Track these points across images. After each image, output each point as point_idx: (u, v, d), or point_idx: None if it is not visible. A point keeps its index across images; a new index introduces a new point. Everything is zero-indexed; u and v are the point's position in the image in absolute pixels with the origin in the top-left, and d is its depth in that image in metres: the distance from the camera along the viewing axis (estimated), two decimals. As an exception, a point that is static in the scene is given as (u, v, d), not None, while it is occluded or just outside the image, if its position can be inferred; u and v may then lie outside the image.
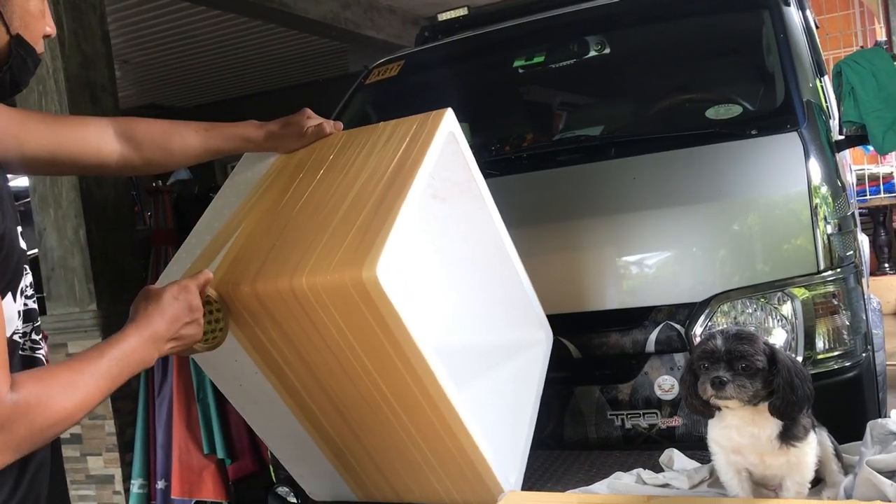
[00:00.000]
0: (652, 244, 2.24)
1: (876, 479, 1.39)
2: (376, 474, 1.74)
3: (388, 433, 1.61)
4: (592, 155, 2.49)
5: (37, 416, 1.03)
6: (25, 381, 1.04)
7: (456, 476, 1.62)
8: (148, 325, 1.27)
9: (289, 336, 1.56)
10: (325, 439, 1.74)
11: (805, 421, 1.41)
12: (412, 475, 1.68)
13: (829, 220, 2.12)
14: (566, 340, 2.27)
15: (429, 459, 1.62)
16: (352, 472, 1.77)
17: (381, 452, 1.68)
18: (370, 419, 1.61)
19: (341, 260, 1.40)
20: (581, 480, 1.81)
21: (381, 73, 3.17)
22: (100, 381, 1.14)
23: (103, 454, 4.00)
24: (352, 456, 1.73)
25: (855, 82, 2.37)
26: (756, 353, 1.37)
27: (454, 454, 1.57)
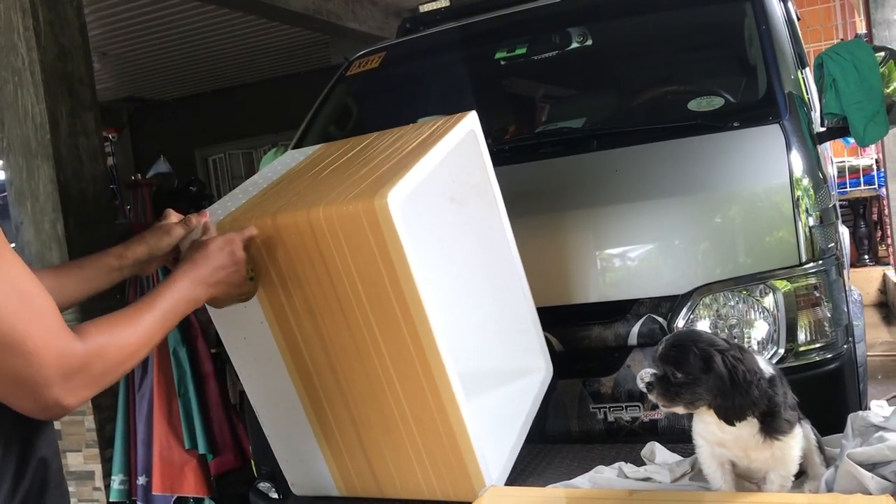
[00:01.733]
0: (634, 237, 2.23)
1: (857, 471, 1.39)
2: (361, 460, 1.72)
3: (379, 404, 1.62)
4: (574, 147, 2.48)
5: (108, 355, 1.13)
6: (90, 329, 1.14)
7: (439, 462, 1.61)
8: (193, 269, 1.41)
9: (298, 276, 1.62)
10: (316, 412, 1.73)
11: (789, 415, 1.41)
12: (396, 460, 1.67)
13: (811, 213, 2.12)
14: (548, 334, 2.26)
15: (415, 439, 1.61)
16: (337, 456, 1.75)
17: (369, 429, 1.67)
18: (364, 386, 1.63)
19: (357, 195, 1.49)
20: (563, 474, 1.80)
21: (362, 64, 3.14)
22: (157, 320, 1.27)
23: (83, 450, 3.96)
24: (340, 434, 1.71)
25: (836, 74, 2.37)
26: (682, 361, 1.38)
27: (441, 432, 1.57)
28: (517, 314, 1.99)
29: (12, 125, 3.79)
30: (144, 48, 7.77)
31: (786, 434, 1.41)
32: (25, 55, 3.73)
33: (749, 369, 1.36)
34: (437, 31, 3.20)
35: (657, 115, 2.62)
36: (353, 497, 1.80)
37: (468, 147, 1.91)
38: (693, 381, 1.37)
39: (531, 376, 1.99)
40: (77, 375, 1.08)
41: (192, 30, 7.41)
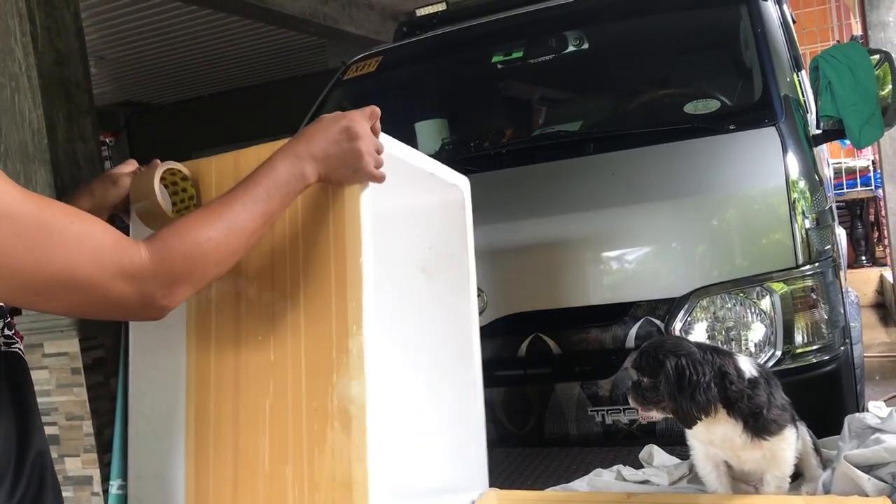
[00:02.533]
0: (631, 240, 2.24)
1: (853, 473, 1.40)
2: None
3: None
4: (571, 151, 2.49)
5: (187, 251, 1.07)
6: (163, 232, 1.07)
7: None
8: (295, 144, 1.23)
9: None
10: (198, 436, 1.49)
11: (776, 416, 1.41)
12: None
13: (807, 215, 2.12)
14: (546, 337, 2.26)
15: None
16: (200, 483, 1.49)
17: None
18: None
19: None
20: (561, 477, 1.81)
21: (359, 68, 3.15)
22: (252, 206, 1.14)
23: (81, 455, 3.96)
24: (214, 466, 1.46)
25: (832, 77, 2.38)
26: (643, 367, 1.42)
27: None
28: (463, 424, 1.73)
29: (9, 130, 3.79)
30: (141, 52, 7.77)
31: (773, 435, 1.41)
32: (22, 60, 3.73)
33: (699, 373, 1.37)
34: (434, 35, 3.20)
35: (654, 118, 2.62)
36: None
37: (455, 214, 1.78)
38: (654, 386, 1.41)
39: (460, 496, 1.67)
40: (155, 279, 1.04)
41: (188, 34, 7.42)
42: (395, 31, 3.56)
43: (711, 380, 1.38)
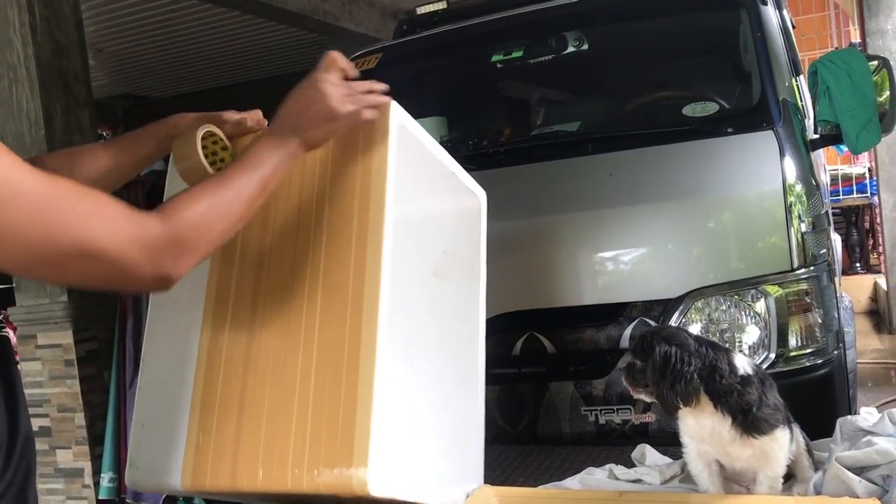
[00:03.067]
0: (628, 240, 2.25)
1: (844, 475, 1.40)
2: (227, 450, 1.50)
3: (283, 376, 1.46)
4: (569, 150, 2.50)
5: (196, 223, 1.12)
6: (170, 204, 1.12)
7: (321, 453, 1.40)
8: (276, 121, 1.33)
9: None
10: (206, 389, 1.54)
11: (767, 415, 1.42)
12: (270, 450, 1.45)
13: (803, 219, 2.13)
14: (541, 336, 2.27)
15: (304, 423, 1.42)
16: (202, 446, 1.53)
17: (255, 411, 1.48)
18: (277, 348, 1.47)
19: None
20: (553, 475, 1.81)
21: (358, 65, 3.14)
22: (248, 176, 1.21)
23: (73, 447, 3.95)
24: (218, 419, 1.52)
25: (830, 82, 2.39)
26: (637, 350, 1.45)
27: (339, 419, 1.37)
28: (463, 420, 1.78)
29: (7, 121, 3.79)
30: (140, 45, 7.76)
31: (763, 433, 1.41)
32: (21, 51, 3.72)
33: (685, 363, 1.39)
34: (434, 34, 3.20)
35: (652, 119, 2.63)
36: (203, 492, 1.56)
37: (471, 221, 1.87)
38: (644, 370, 1.44)
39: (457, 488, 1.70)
40: (167, 249, 1.08)
41: (188, 28, 7.41)
42: (396, 28, 3.56)
43: (696, 371, 1.39)
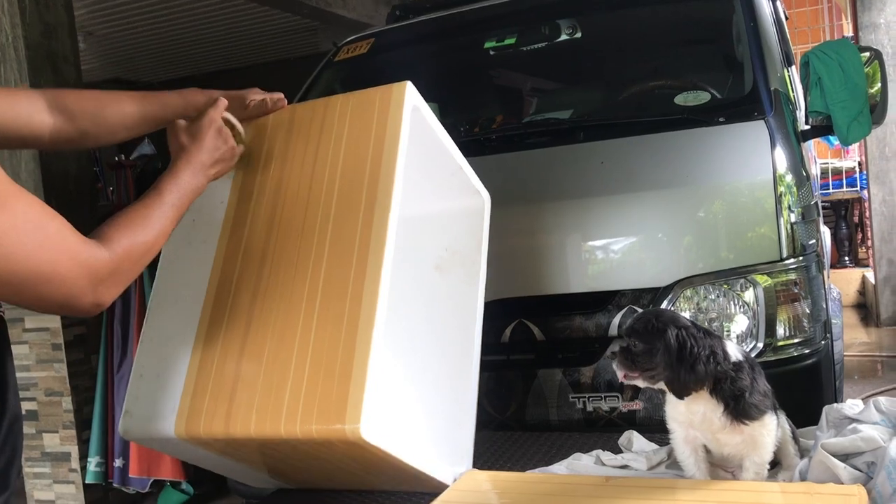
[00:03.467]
0: (618, 229, 2.24)
1: (830, 461, 1.41)
2: (224, 396, 1.54)
3: (285, 325, 1.52)
4: (561, 138, 2.49)
5: (132, 255, 1.24)
6: (111, 234, 1.22)
7: (317, 400, 1.43)
8: (190, 158, 1.46)
9: (285, 156, 1.69)
10: (208, 336, 1.61)
11: (757, 401, 1.43)
12: (266, 397, 1.48)
13: (793, 209, 2.13)
14: (530, 323, 2.27)
15: (303, 372, 1.46)
16: (199, 392, 1.57)
17: (255, 358, 1.53)
18: (281, 298, 1.55)
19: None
20: (541, 461, 1.82)
21: (350, 50, 3.13)
22: (168, 213, 1.35)
23: (60, 431, 3.94)
24: (218, 366, 1.56)
25: (822, 73, 2.39)
26: (641, 332, 1.43)
27: (336, 368, 1.43)
28: (456, 404, 1.82)
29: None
30: (131, 29, 7.70)
31: (753, 419, 1.42)
32: (9, 31, 3.69)
33: (699, 345, 1.39)
34: (426, 20, 3.19)
35: (644, 108, 2.63)
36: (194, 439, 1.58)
37: (474, 219, 1.95)
38: (648, 352, 1.42)
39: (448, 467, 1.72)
40: (108, 279, 1.18)
41: (180, 12, 7.35)
42: (388, 14, 3.54)
43: (710, 356, 1.40)
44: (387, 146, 1.56)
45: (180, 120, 1.53)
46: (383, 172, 1.54)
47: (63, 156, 3.86)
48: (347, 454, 1.47)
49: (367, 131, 1.60)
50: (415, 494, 1.69)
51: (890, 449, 1.36)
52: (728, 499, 1.40)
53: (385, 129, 1.58)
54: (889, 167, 6.10)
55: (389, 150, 1.55)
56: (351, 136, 1.62)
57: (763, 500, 1.41)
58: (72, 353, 3.89)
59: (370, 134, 1.59)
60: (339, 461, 1.54)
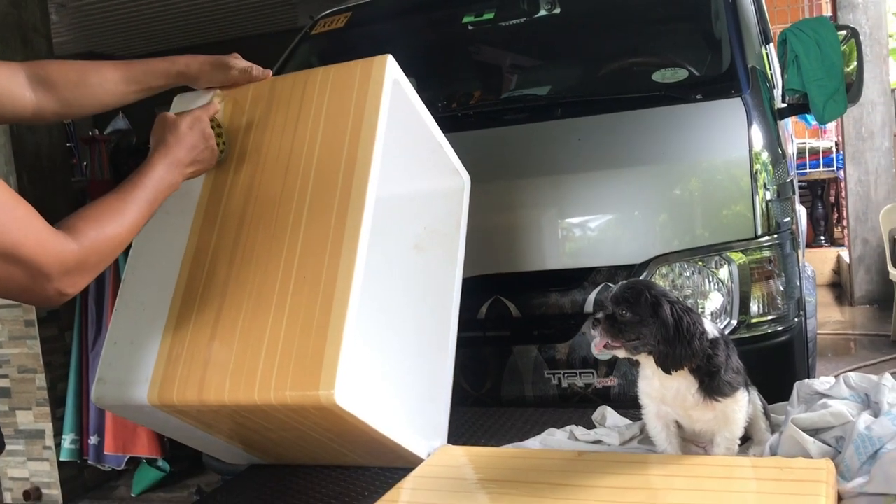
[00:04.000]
0: (594, 205, 2.24)
1: (800, 436, 1.42)
2: (198, 364, 1.52)
3: (261, 292, 1.51)
4: (539, 114, 2.48)
5: (100, 248, 1.23)
6: (80, 225, 1.22)
7: (291, 366, 1.43)
8: (168, 153, 1.45)
9: (266, 124, 1.69)
10: (183, 304, 1.60)
11: (731, 378, 1.43)
12: (240, 364, 1.47)
13: (769, 187, 2.14)
14: (506, 300, 2.26)
15: (277, 338, 1.45)
16: (172, 360, 1.55)
17: (230, 325, 1.52)
18: (258, 264, 1.54)
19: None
20: (515, 437, 1.82)
21: (327, 24, 3.10)
22: (141, 207, 1.34)
23: (33, 408, 3.91)
24: (193, 333, 1.55)
25: (799, 51, 2.39)
26: (633, 302, 1.40)
27: (311, 333, 1.42)
28: (432, 379, 1.83)
29: (-37, 73, 3.67)
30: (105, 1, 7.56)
31: (726, 396, 1.43)
32: (-23, 1, 3.61)
33: (694, 322, 1.39)
34: (404, -7, 3.15)
35: (622, 85, 2.62)
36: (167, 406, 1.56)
37: (454, 199, 1.96)
38: (638, 323, 1.40)
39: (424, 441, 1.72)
40: (74, 270, 1.18)
41: (155, -16, 7.24)
42: (366, -12, 3.50)
43: (703, 332, 1.40)
44: (366, 118, 1.56)
45: (168, 113, 1.52)
46: (362, 144, 1.54)
47: (35, 130, 3.80)
48: (321, 423, 1.47)
49: (346, 103, 1.60)
50: (388, 470, 1.69)
51: (858, 424, 1.37)
52: (699, 473, 1.41)
53: (365, 102, 1.58)
54: (865, 147, 6.15)
55: (369, 122, 1.55)
56: (331, 109, 1.62)
57: (733, 474, 1.42)
58: (45, 329, 3.85)
59: (350, 106, 1.59)
60: (314, 432, 1.53)
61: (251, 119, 1.72)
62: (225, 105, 1.74)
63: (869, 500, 1.26)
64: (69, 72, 1.53)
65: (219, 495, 1.83)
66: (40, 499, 3.93)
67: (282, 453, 1.77)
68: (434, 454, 1.64)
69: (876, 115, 6.10)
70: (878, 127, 6.12)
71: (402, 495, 1.47)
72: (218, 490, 1.89)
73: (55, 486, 3.92)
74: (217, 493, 1.85)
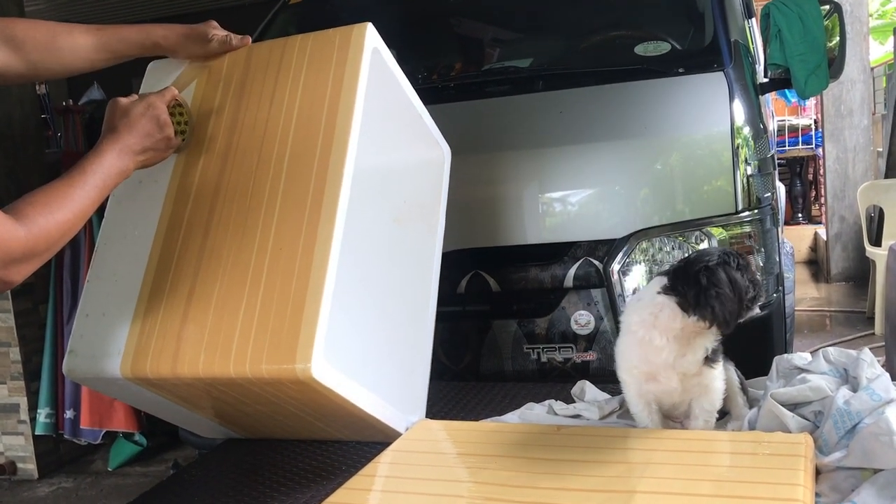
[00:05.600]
0: (575, 179, 2.23)
1: (778, 410, 1.43)
2: (171, 337, 1.49)
3: (236, 264, 1.49)
4: (520, 87, 2.45)
5: (49, 235, 1.21)
6: (28, 211, 1.19)
7: (267, 339, 1.40)
8: (118, 139, 1.40)
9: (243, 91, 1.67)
10: (157, 277, 1.56)
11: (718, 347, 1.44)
12: (215, 337, 1.45)
13: (750, 162, 2.13)
14: (486, 274, 2.25)
15: (253, 312, 1.43)
16: (146, 333, 1.52)
17: (204, 299, 1.49)
18: (234, 235, 1.52)
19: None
20: (493, 411, 1.81)
21: (305, -7, 3.04)
22: (91, 193, 1.30)
23: (8, 382, 3.86)
24: (166, 306, 1.52)
25: (782, 25, 2.37)
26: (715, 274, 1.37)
27: (288, 306, 1.40)
28: (411, 353, 1.81)
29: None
30: (80, -30, 7.42)
31: (717, 363, 1.45)
32: (-56, -37, 3.51)
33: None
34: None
35: (604, 58, 2.59)
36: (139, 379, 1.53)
37: (434, 172, 1.96)
38: (717, 296, 1.36)
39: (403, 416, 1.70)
40: (21, 258, 1.17)
41: (131, -47, 7.09)
42: (346, -43, 3.43)
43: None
44: (345, 86, 1.54)
45: (120, 99, 1.46)
46: (341, 113, 1.52)
47: (7, 99, 3.73)
48: (298, 398, 1.45)
49: (325, 72, 1.58)
50: (366, 444, 1.68)
51: (837, 398, 1.37)
52: (678, 447, 1.41)
53: (344, 70, 1.56)
54: (844, 125, 6.18)
55: (348, 90, 1.54)
56: (309, 77, 1.60)
57: (712, 448, 1.42)
58: (19, 302, 3.79)
59: (328, 74, 1.58)
60: (290, 406, 1.52)
61: (227, 87, 1.68)
62: (200, 74, 1.70)
63: (847, 474, 1.26)
64: (38, 33, 1.48)
65: (195, 469, 1.81)
66: (15, 472, 3.90)
67: (258, 428, 1.76)
68: (412, 428, 1.63)
69: (855, 93, 6.12)
70: (857, 105, 6.15)
71: (379, 469, 1.46)
72: (194, 464, 1.87)
73: (31, 460, 3.88)
74: (193, 467, 1.84)
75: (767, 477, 1.24)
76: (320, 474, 1.60)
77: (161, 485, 1.73)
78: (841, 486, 1.26)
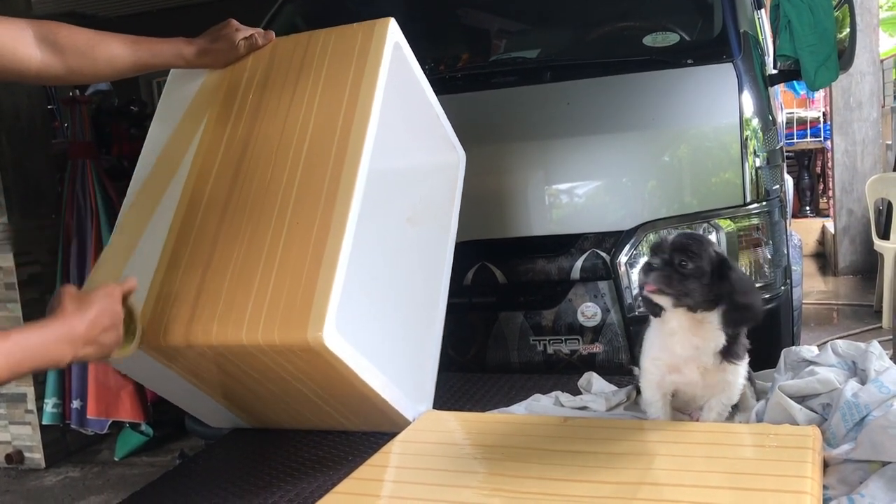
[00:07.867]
0: (582, 171, 2.22)
1: (786, 402, 1.42)
2: (185, 308, 1.51)
3: (252, 239, 1.52)
4: (527, 78, 2.44)
5: None
6: None
7: (280, 310, 1.42)
8: (65, 323, 1.23)
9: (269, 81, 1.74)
10: (175, 249, 1.59)
11: (744, 342, 1.43)
12: (229, 306, 1.47)
13: (758, 154, 2.12)
14: (492, 265, 2.25)
15: (268, 283, 1.45)
16: (161, 302, 1.55)
17: (220, 271, 1.51)
18: (252, 212, 1.57)
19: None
20: (500, 402, 1.81)
21: (309, -18, 3.03)
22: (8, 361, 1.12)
23: (15, 372, 3.87)
24: (182, 277, 1.55)
25: (792, 16, 2.36)
26: (697, 252, 1.35)
27: (302, 278, 1.42)
28: (421, 345, 1.83)
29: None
30: (86, -40, 7.41)
31: (741, 359, 1.44)
32: (-50, -46, 3.52)
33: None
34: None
35: (612, 48, 2.58)
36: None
37: (449, 175, 1.98)
38: (697, 276, 1.34)
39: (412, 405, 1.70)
40: None
41: (137, -57, 7.08)
42: (353, -53, 3.42)
43: None
44: (366, 77, 1.59)
45: (69, 286, 1.33)
46: (361, 101, 1.56)
47: (13, 90, 3.73)
48: (307, 370, 1.46)
49: (347, 63, 1.63)
50: (372, 434, 1.68)
51: (845, 391, 1.37)
52: (685, 439, 1.41)
53: (365, 61, 1.61)
54: (852, 117, 6.14)
55: (368, 80, 1.58)
56: (331, 68, 1.65)
57: (720, 440, 1.42)
58: (26, 292, 3.80)
59: (350, 65, 1.63)
60: (299, 383, 1.53)
61: (251, 79, 1.75)
62: (224, 70, 1.79)
63: (855, 467, 1.26)
64: (79, 40, 1.51)
65: (202, 459, 1.82)
66: (22, 462, 3.91)
67: (265, 413, 1.76)
68: (420, 419, 1.63)
69: (864, 86, 6.08)
70: (867, 97, 6.11)
71: (387, 459, 1.46)
72: (201, 454, 1.87)
73: (37, 449, 3.90)
74: (200, 457, 1.84)
75: (775, 469, 1.23)
76: (327, 464, 1.60)
77: (167, 475, 1.73)
78: (849, 479, 1.25)
